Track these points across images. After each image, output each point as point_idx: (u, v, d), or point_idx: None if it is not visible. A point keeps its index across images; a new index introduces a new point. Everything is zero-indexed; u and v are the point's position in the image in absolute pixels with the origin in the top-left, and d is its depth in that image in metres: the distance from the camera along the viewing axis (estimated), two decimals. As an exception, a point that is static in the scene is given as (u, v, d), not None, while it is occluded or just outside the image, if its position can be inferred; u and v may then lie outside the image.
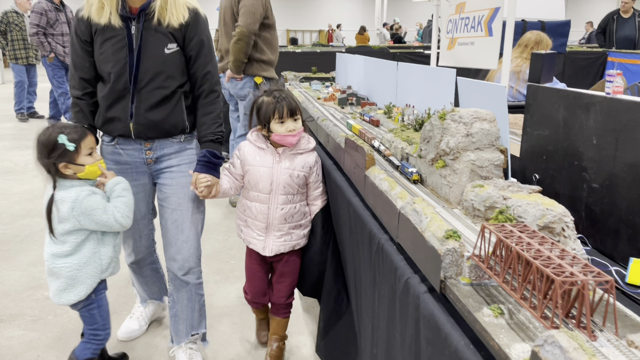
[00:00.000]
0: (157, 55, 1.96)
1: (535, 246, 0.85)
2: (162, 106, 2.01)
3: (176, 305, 2.27)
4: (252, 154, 2.13)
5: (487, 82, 1.71)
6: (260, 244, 2.19)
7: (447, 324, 0.97)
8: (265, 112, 2.06)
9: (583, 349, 0.63)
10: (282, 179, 2.11)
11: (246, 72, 3.94)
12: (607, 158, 1.24)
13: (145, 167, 2.14)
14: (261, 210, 2.15)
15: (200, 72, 2.05)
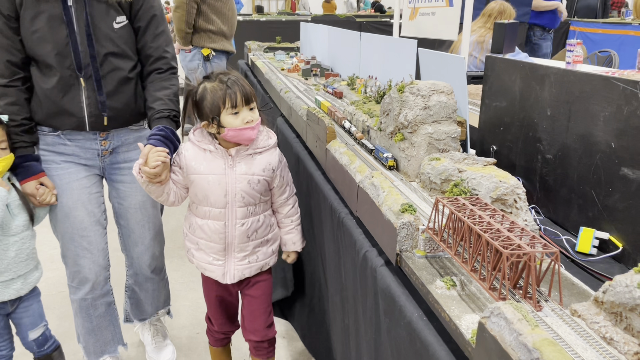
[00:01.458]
0: (106, 31, 1.69)
1: (486, 219, 0.86)
2: (121, 92, 1.76)
3: (138, 294, 2.16)
4: (197, 159, 1.66)
5: (447, 54, 1.71)
6: (219, 270, 1.76)
7: (402, 296, 0.99)
8: (213, 102, 1.58)
9: (527, 320, 0.64)
10: (239, 187, 1.66)
11: (194, 43, 3.85)
12: (560, 129, 1.27)
13: (98, 159, 1.86)
14: (216, 229, 1.70)
15: (153, 45, 1.79)
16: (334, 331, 1.67)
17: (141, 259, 2.05)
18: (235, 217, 1.69)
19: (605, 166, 1.13)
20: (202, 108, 1.61)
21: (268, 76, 3.22)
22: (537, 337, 0.61)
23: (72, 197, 1.82)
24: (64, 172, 1.81)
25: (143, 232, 2.00)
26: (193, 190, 1.69)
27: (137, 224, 1.99)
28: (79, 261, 1.87)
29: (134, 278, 2.12)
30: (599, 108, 1.14)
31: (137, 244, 2.02)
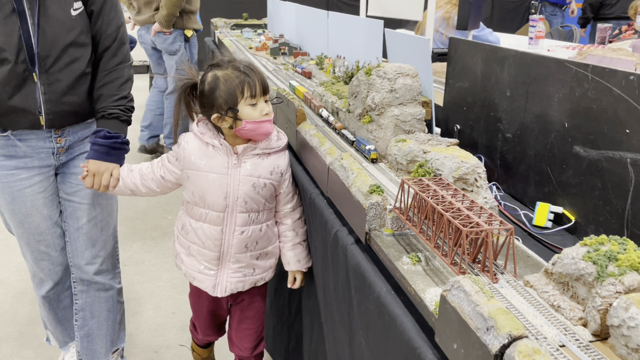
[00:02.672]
0: (63, 19, 1.54)
1: (448, 199, 0.92)
2: (80, 86, 1.62)
3: (90, 321, 1.91)
4: (198, 154, 1.52)
5: (412, 35, 1.75)
6: (210, 281, 1.61)
7: (371, 272, 1.04)
8: (229, 92, 1.44)
9: (483, 292, 0.71)
10: (242, 190, 1.51)
11: (176, 25, 3.81)
12: (518, 109, 1.33)
13: (52, 158, 1.70)
14: (211, 235, 1.55)
15: (106, 32, 1.64)
16: (305, 309, 1.73)
17: (92, 264, 1.84)
18: (234, 224, 1.54)
19: (559, 145, 1.20)
20: (214, 99, 1.45)
21: (236, 56, 3.20)
22: (492, 307, 0.68)
23: (26, 205, 1.69)
24: (15, 179, 1.66)
25: (95, 234, 1.81)
26: (189, 187, 1.55)
27: (89, 222, 1.80)
28: (38, 264, 1.81)
29: (84, 296, 1.89)
30: (553, 89, 1.21)
31: (87, 247, 1.81)
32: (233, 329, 1.78)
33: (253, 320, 1.75)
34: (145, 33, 4.01)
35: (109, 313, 1.93)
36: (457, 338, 0.72)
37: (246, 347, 1.76)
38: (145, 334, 2.39)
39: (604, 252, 0.71)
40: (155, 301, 2.64)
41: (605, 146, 1.07)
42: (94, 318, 1.91)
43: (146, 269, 2.92)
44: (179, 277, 2.81)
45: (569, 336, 0.68)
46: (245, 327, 1.74)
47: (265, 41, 3.55)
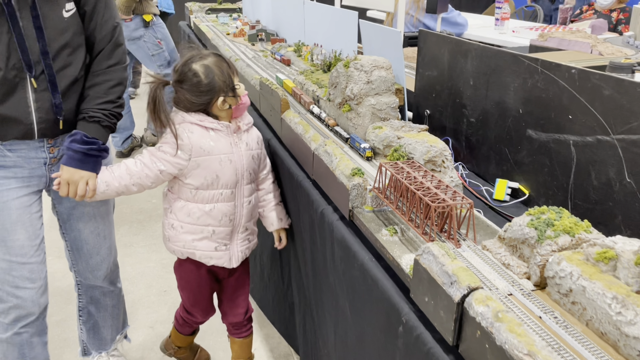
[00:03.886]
0: (56, 21, 1.46)
1: (419, 179, 1.08)
2: (73, 93, 1.54)
3: (96, 315, 1.93)
4: (205, 140, 1.59)
5: (385, 27, 1.89)
6: (226, 256, 1.73)
7: (355, 244, 1.21)
8: (225, 74, 1.58)
9: (448, 255, 0.88)
10: (246, 163, 1.67)
11: (135, 11, 3.80)
12: (480, 97, 1.50)
13: (44, 169, 1.60)
14: (226, 212, 1.66)
15: (100, 33, 1.56)
16: (295, 280, 1.89)
17: (98, 271, 1.84)
18: (243, 196, 1.69)
19: (515, 128, 1.37)
20: (215, 84, 1.56)
21: (215, 42, 3.29)
22: (455, 266, 0.85)
23: (11, 218, 1.56)
24: (2, 188, 1.55)
25: (98, 242, 1.79)
26: (199, 173, 1.61)
27: (91, 233, 1.76)
28: (19, 293, 1.60)
29: (89, 296, 1.90)
30: (509, 80, 1.38)
31: (92, 255, 1.80)
32: (227, 300, 1.91)
33: (245, 288, 1.91)
34: None
35: (114, 308, 1.96)
36: (428, 293, 0.89)
37: (241, 312, 1.92)
38: (139, 312, 2.53)
39: (544, 220, 0.88)
40: (147, 281, 2.77)
41: (552, 130, 1.25)
42: (100, 312, 1.92)
43: (135, 251, 3.04)
44: (167, 258, 2.95)
45: (515, 287, 0.86)
46: (239, 295, 1.91)
47: (242, 27, 3.64)
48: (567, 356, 0.70)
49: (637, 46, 3.12)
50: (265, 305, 2.42)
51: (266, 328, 2.39)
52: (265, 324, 2.41)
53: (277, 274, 2.09)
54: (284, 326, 2.20)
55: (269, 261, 2.18)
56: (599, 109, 1.11)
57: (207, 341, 2.27)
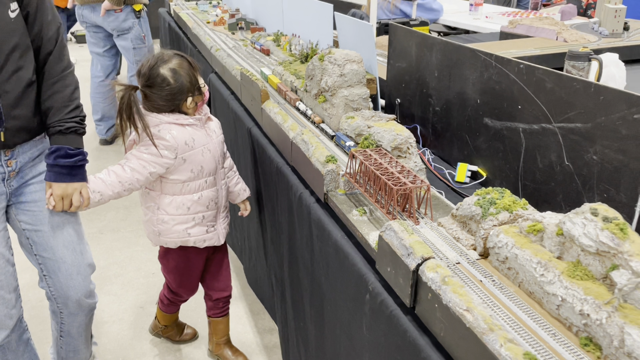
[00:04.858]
0: (2, 22, 1.37)
1: (384, 165, 1.22)
2: (28, 97, 1.45)
3: (68, 335, 1.78)
4: (187, 136, 1.70)
5: (358, 21, 2.01)
6: (215, 236, 1.89)
7: (329, 223, 1.35)
8: (190, 75, 1.67)
9: (407, 231, 1.02)
10: (219, 149, 1.82)
11: (125, 1, 3.78)
12: (444, 88, 1.64)
13: (2, 185, 1.51)
14: (211, 197, 1.82)
15: (46, 36, 1.48)
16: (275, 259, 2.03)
17: (77, 290, 1.68)
18: (221, 179, 1.85)
19: (474, 117, 1.52)
20: (183, 86, 1.65)
21: (196, 31, 3.37)
22: (412, 240, 0.99)
23: None
24: None
25: (75, 258, 1.65)
26: (186, 167, 1.71)
27: (66, 248, 1.62)
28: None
29: (68, 317, 1.74)
30: (468, 72, 1.51)
31: (71, 275, 1.65)
32: (211, 276, 2.06)
33: (227, 264, 2.09)
34: (89, 12, 3.86)
35: (88, 324, 1.83)
36: (390, 263, 1.04)
37: (227, 285, 2.09)
38: (130, 293, 2.65)
39: (488, 199, 1.03)
40: (135, 264, 2.89)
41: (505, 118, 1.39)
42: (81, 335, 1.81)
43: (123, 236, 3.15)
44: (155, 242, 3.06)
45: (462, 256, 1.00)
46: (224, 270, 2.07)
47: (222, 15, 3.71)
48: (499, 311, 0.85)
49: (600, 32, 3.28)
50: (253, 283, 2.57)
51: (253, 305, 2.54)
52: (254, 301, 2.55)
53: (262, 254, 2.23)
54: (268, 303, 2.35)
55: (255, 243, 2.31)
56: (543, 100, 1.25)
57: (192, 318, 2.41)
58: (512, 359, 0.73)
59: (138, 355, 2.27)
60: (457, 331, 0.85)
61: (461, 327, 0.83)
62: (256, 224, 2.27)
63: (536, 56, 2.54)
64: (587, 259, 0.82)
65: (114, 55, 4.18)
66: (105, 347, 2.30)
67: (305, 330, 1.71)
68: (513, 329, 0.81)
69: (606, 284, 0.79)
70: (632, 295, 0.74)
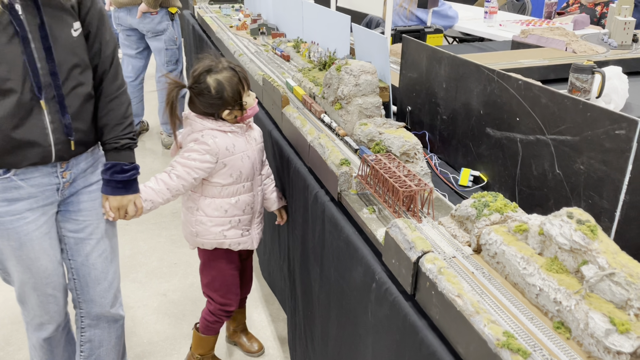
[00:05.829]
0: (66, 41, 1.45)
1: (393, 169, 1.36)
2: (85, 112, 1.54)
3: (98, 350, 1.85)
4: (228, 142, 1.81)
5: (374, 32, 2.15)
6: (249, 240, 1.99)
7: (342, 220, 1.49)
8: (234, 89, 1.77)
9: (410, 228, 1.16)
10: (258, 157, 1.92)
11: (161, 4, 3.93)
12: (451, 98, 1.77)
13: (57, 194, 1.59)
14: (248, 201, 1.91)
15: (104, 54, 1.56)
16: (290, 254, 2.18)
17: (105, 298, 1.78)
18: (258, 186, 1.95)
19: (477, 126, 1.65)
20: (224, 99, 1.77)
21: (219, 35, 3.53)
22: (414, 236, 1.13)
23: (34, 249, 1.58)
24: (22, 223, 1.54)
25: (106, 266, 1.75)
26: (226, 172, 1.82)
27: (99, 257, 1.72)
28: (46, 307, 1.69)
29: (93, 329, 1.82)
30: (473, 85, 1.64)
31: (99, 281, 1.74)
32: (246, 277, 2.19)
33: (252, 260, 2.21)
34: (125, 15, 4.02)
35: (118, 340, 1.89)
36: (395, 256, 1.18)
37: (250, 287, 2.26)
38: (153, 281, 2.82)
39: (482, 202, 1.17)
40: (159, 254, 3.06)
41: (504, 129, 1.52)
42: (102, 347, 1.86)
43: (147, 228, 3.33)
44: (177, 234, 3.24)
45: (458, 251, 1.14)
46: (250, 272, 2.21)
47: (244, 19, 3.87)
48: (486, 298, 0.99)
49: (609, 44, 3.37)
50: (266, 275, 2.72)
51: (267, 295, 2.69)
52: (268, 292, 2.71)
53: (276, 249, 2.38)
54: (279, 293, 2.50)
55: (270, 238, 2.47)
56: (538, 114, 1.39)
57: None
58: (493, 336, 0.87)
59: (162, 338, 2.44)
60: (449, 314, 0.99)
61: (452, 311, 0.97)
62: (272, 221, 2.42)
63: (545, 66, 2.66)
64: (563, 255, 0.95)
65: (145, 57, 4.36)
66: (130, 330, 2.47)
67: (312, 319, 1.86)
68: (496, 312, 0.95)
69: (578, 277, 0.93)
70: (598, 286, 0.88)
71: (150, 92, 4.94)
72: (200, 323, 2.15)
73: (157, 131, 4.77)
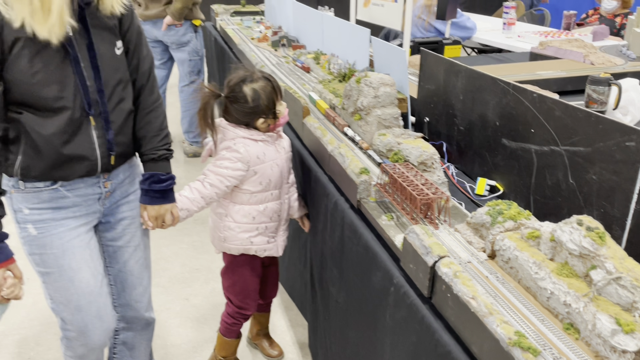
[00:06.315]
0: (111, 59, 1.52)
1: (410, 178, 1.42)
2: (127, 126, 1.62)
3: (130, 351, 1.94)
4: (259, 151, 1.86)
5: (393, 45, 2.22)
6: (275, 247, 2.03)
7: (360, 227, 1.55)
8: (269, 98, 1.83)
9: (427, 234, 1.21)
10: (287, 165, 1.96)
11: (186, 17, 4.05)
12: (467, 110, 1.82)
13: (98, 204, 1.65)
14: (275, 209, 1.97)
15: (142, 68, 1.64)
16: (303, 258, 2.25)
17: (140, 302, 1.87)
18: (286, 194, 1.99)
19: (493, 137, 1.70)
20: (259, 107, 1.83)
21: (241, 47, 3.63)
22: (431, 241, 1.19)
23: (76, 258, 1.61)
24: (65, 229, 1.59)
25: (142, 272, 1.84)
26: (256, 180, 1.87)
27: (136, 263, 1.80)
28: (88, 330, 1.68)
29: (127, 331, 1.91)
30: (489, 97, 1.70)
31: (135, 286, 1.83)
32: (270, 283, 2.25)
33: (277, 267, 2.25)
34: (151, 27, 4.13)
35: (148, 342, 1.98)
36: (412, 260, 1.24)
37: (275, 292, 2.30)
38: (176, 286, 2.91)
39: (496, 210, 1.22)
40: (181, 260, 3.15)
41: (520, 140, 1.57)
42: (135, 349, 1.94)
43: (169, 234, 3.40)
44: (199, 240, 3.33)
45: (473, 256, 1.19)
46: (275, 278, 2.26)
47: (265, 31, 3.97)
48: (499, 300, 1.04)
49: (628, 55, 3.39)
50: (285, 281, 2.78)
51: (286, 302, 2.75)
52: (288, 298, 2.77)
53: (295, 255, 2.44)
54: (300, 300, 2.56)
55: (290, 244, 2.52)
56: (552, 126, 1.43)
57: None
58: (505, 336, 0.92)
59: (184, 341, 2.52)
60: (464, 315, 1.04)
61: (467, 312, 1.02)
62: (292, 227, 2.48)
63: (562, 78, 2.70)
64: (573, 260, 1.00)
65: (168, 67, 4.48)
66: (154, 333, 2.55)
67: (332, 323, 1.91)
68: (509, 314, 1.00)
69: (587, 281, 0.98)
70: (605, 289, 0.92)
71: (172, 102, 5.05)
72: (221, 325, 2.23)
73: (179, 139, 4.87)
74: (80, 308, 1.65)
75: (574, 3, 7.65)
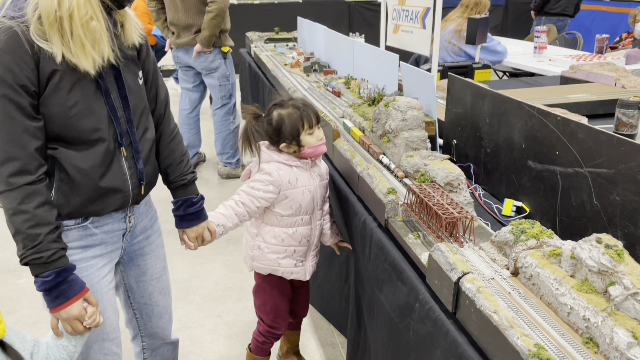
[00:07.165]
0: (136, 89, 1.53)
1: (437, 198, 1.47)
2: (152, 155, 1.61)
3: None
4: (291, 176, 1.91)
5: (421, 70, 2.29)
6: (302, 271, 2.06)
7: (388, 245, 1.61)
8: (293, 125, 1.88)
9: (452, 251, 1.26)
10: (320, 192, 2.00)
11: (214, 44, 4.22)
12: (494, 132, 1.87)
13: (121, 241, 1.62)
14: (305, 234, 2.00)
15: (159, 97, 1.66)
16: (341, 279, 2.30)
17: (167, 329, 1.91)
18: (317, 220, 2.03)
19: (519, 159, 1.74)
20: (282, 133, 1.90)
21: (275, 73, 3.77)
22: (455, 259, 1.23)
23: (102, 299, 1.58)
24: (93, 270, 1.55)
25: (166, 300, 1.86)
26: (286, 203, 1.92)
27: (160, 293, 1.82)
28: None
29: (154, 356, 1.93)
30: (515, 121, 1.74)
31: (162, 315, 1.86)
32: (300, 303, 2.29)
33: (308, 286, 2.30)
34: (183, 55, 4.34)
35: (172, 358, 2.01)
36: (438, 277, 1.28)
37: (306, 312, 2.35)
38: (209, 304, 2.99)
39: (519, 229, 1.26)
40: (214, 278, 3.24)
41: (545, 162, 1.61)
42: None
43: (203, 253, 3.52)
44: (231, 260, 3.42)
45: (497, 273, 1.23)
46: (306, 299, 2.31)
47: (298, 57, 4.11)
48: (521, 315, 1.07)
49: (661, 79, 3.36)
50: (315, 301, 2.83)
51: (316, 322, 2.80)
52: (318, 317, 2.81)
53: (334, 273, 2.50)
54: (337, 318, 2.60)
55: (325, 264, 2.58)
56: (576, 148, 1.47)
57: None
58: (525, 347, 0.96)
59: (217, 357, 2.58)
60: (486, 328, 1.08)
61: (489, 325, 1.06)
62: (324, 248, 2.55)
63: (592, 101, 2.71)
64: (592, 277, 1.03)
65: (202, 90, 4.66)
66: (188, 348, 2.63)
67: (366, 339, 1.95)
68: (529, 327, 1.03)
69: (606, 297, 1.01)
70: (623, 305, 0.95)
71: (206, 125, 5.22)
72: (252, 343, 2.31)
73: (214, 161, 5.03)
74: (103, 346, 1.64)
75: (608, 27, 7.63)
